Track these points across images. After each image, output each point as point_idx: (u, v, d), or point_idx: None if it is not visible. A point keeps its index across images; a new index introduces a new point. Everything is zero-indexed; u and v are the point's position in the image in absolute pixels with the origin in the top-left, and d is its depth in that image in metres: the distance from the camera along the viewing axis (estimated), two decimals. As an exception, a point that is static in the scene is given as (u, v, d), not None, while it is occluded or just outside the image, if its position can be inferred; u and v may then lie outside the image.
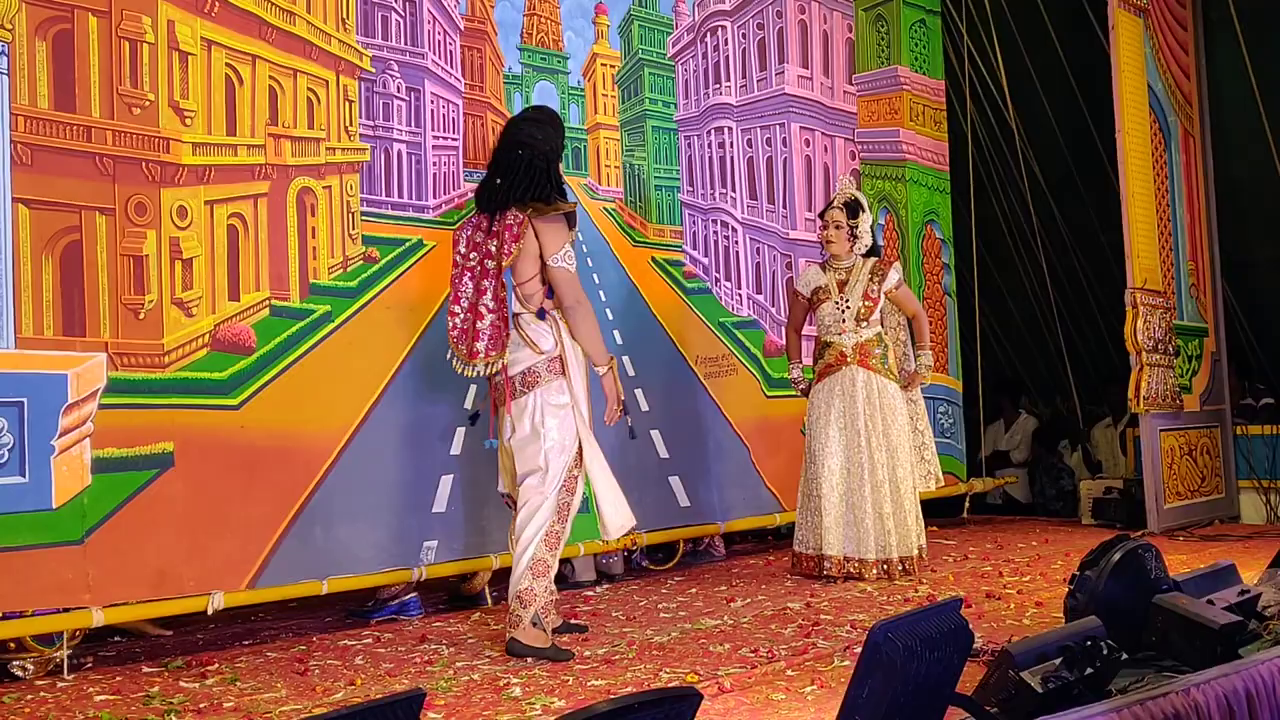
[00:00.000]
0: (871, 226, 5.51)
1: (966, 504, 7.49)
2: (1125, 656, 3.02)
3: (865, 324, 5.39)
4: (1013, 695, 2.73)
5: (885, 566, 5.25)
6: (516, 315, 4.15)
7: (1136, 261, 6.77)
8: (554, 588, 4.11)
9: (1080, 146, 7.92)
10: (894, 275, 5.48)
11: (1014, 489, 8.17)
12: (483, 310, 4.03)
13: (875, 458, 5.28)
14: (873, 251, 5.51)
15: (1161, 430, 6.79)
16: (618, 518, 4.14)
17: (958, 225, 7.71)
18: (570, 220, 4.17)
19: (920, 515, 5.48)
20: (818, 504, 5.31)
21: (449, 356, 4.14)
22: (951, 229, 7.68)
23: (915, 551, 5.36)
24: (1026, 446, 8.43)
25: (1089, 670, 2.83)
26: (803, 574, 5.37)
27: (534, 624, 3.95)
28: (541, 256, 4.08)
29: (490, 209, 4.14)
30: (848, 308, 5.38)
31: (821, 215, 5.57)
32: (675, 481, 5.78)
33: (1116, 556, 3.35)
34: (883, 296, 5.44)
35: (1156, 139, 7.14)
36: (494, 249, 4.06)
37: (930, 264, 7.47)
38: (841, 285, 5.42)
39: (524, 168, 4.11)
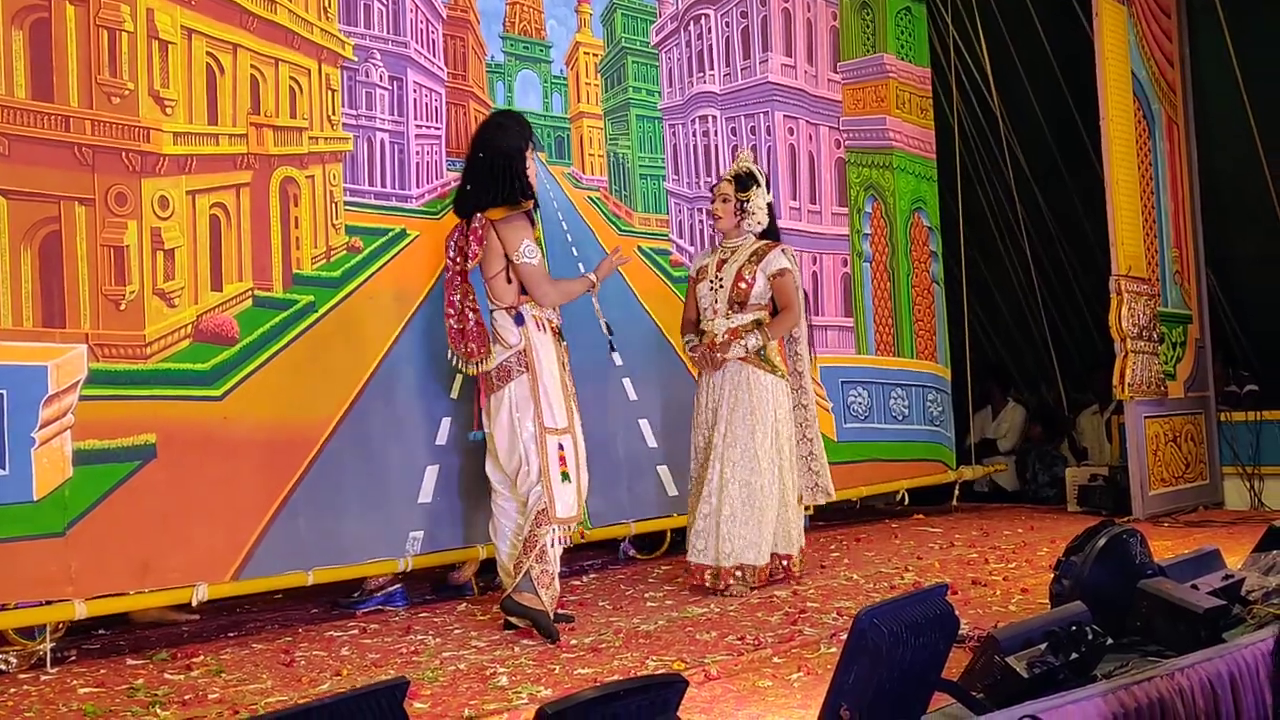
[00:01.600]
0: (768, 205, 4.96)
1: (955, 492, 7.49)
2: (1110, 641, 3.02)
3: (740, 309, 4.81)
4: (998, 680, 2.73)
5: (783, 563, 4.88)
6: (491, 312, 4.34)
7: (1121, 249, 6.78)
8: (552, 569, 4.20)
9: (1065, 134, 7.93)
10: (779, 261, 4.84)
11: (1001, 477, 8.19)
12: (467, 312, 4.30)
13: (726, 455, 4.71)
14: (768, 234, 4.96)
15: (1146, 417, 6.81)
16: (563, 508, 4.21)
17: (944, 213, 7.72)
18: (531, 218, 4.33)
19: (791, 526, 4.92)
20: (711, 506, 4.74)
21: (450, 357, 4.35)
22: (938, 217, 7.68)
23: (763, 561, 4.76)
24: (1015, 435, 8.45)
25: (1074, 655, 2.83)
26: (699, 586, 4.78)
27: (528, 591, 4.13)
28: (506, 255, 4.26)
29: (464, 215, 4.37)
30: (721, 288, 4.84)
31: (712, 188, 5.14)
32: (664, 471, 5.77)
33: (1101, 542, 3.36)
34: (761, 280, 4.81)
35: (1141, 127, 7.15)
36: (467, 253, 4.31)
37: (918, 252, 7.47)
38: (720, 265, 4.90)
39: (486, 171, 4.29)
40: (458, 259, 4.32)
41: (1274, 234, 7.25)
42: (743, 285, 4.83)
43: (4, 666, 3.85)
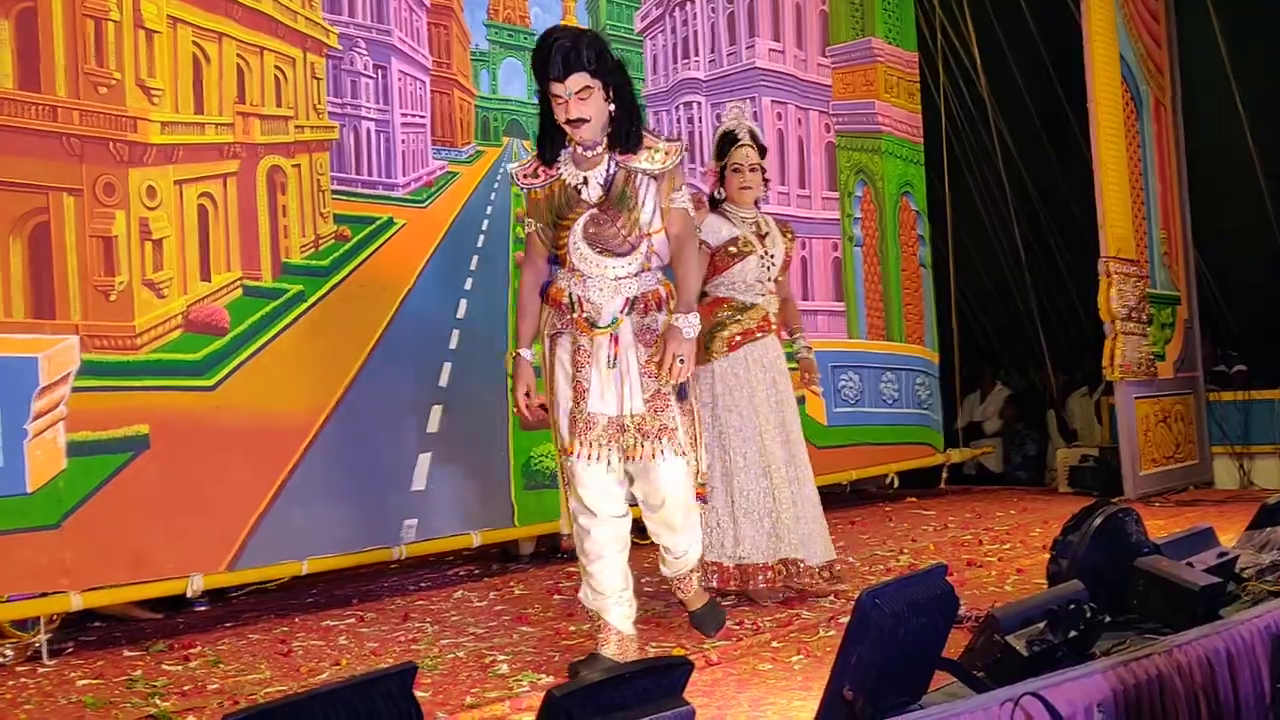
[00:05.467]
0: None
1: (944, 474, 7.52)
2: (1108, 619, 3.04)
3: (776, 289, 4.44)
4: (999, 659, 2.74)
5: (826, 571, 4.31)
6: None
7: (1109, 230, 6.79)
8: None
9: (1052, 116, 7.94)
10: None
11: (989, 459, 8.22)
12: None
13: (799, 446, 4.37)
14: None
15: (1136, 398, 6.83)
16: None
17: (931, 197, 7.72)
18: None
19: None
20: (751, 503, 4.23)
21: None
22: (926, 201, 7.68)
23: (833, 554, 4.41)
24: (999, 417, 8.49)
25: (1073, 633, 2.84)
26: (722, 590, 4.22)
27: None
28: None
29: None
30: (774, 263, 4.37)
31: (722, 156, 4.38)
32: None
33: (1097, 521, 3.37)
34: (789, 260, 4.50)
35: (1128, 108, 7.16)
36: None
37: (906, 235, 7.48)
38: (760, 239, 4.38)
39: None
40: None
41: (1262, 214, 7.28)
42: (786, 263, 4.46)
43: (1, 659, 3.83)
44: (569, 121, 3.33)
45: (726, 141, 4.40)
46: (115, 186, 4.09)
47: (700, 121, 6.34)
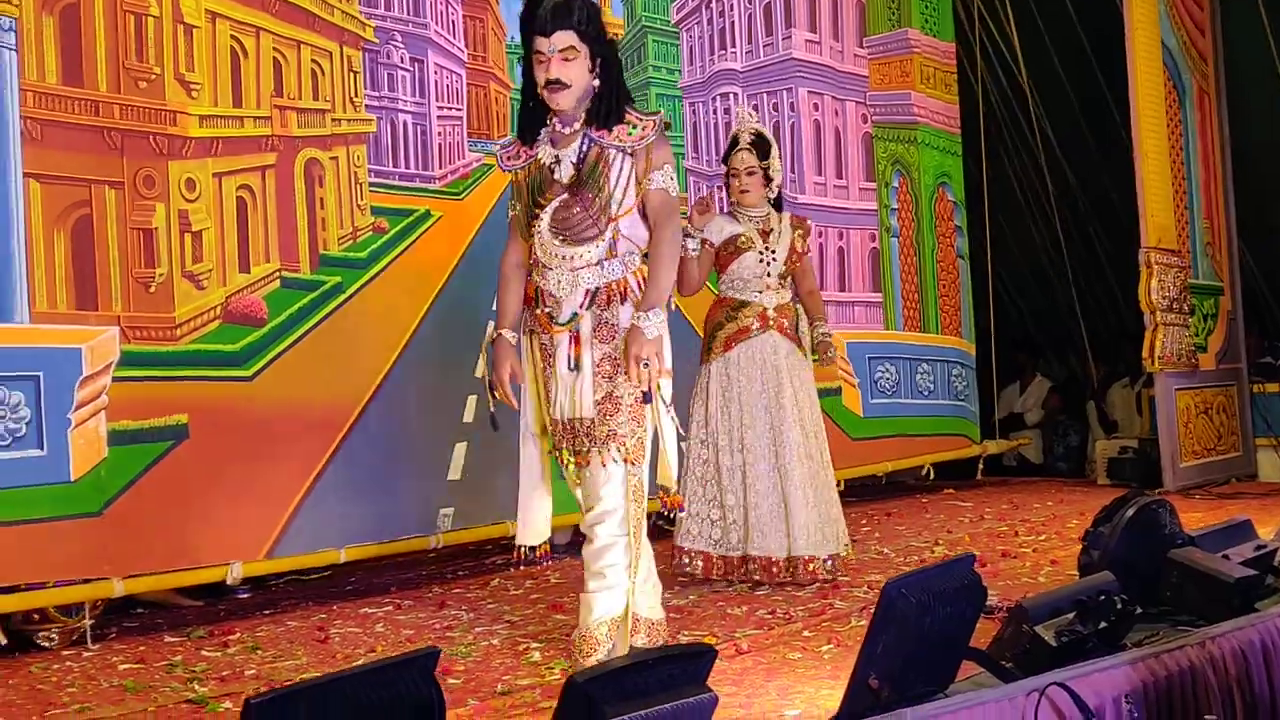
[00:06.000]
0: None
1: (980, 466, 7.47)
2: (1139, 611, 3.02)
3: (784, 284, 4.56)
4: (1027, 649, 2.73)
5: (829, 563, 4.41)
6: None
7: (1151, 220, 6.73)
8: None
9: (1093, 105, 7.86)
10: (810, 236, 4.75)
11: (1028, 451, 8.17)
12: None
13: (812, 439, 4.47)
14: (777, 200, 4.64)
15: (1177, 389, 6.76)
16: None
17: (969, 186, 7.67)
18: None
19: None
20: (739, 496, 4.40)
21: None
22: (963, 191, 7.63)
23: (844, 549, 4.54)
24: (1040, 408, 8.43)
25: (1103, 625, 2.83)
26: (704, 578, 4.45)
27: None
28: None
29: None
30: (774, 260, 4.50)
31: (726, 160, 4.60)
32: (685, 446, 5.77)
33: (1130, 512, 3.34)
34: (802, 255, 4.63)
35: (1170, 97, 7.07)
36: None
37: (943, 227, 7.43)
38: (764, 235, 4.53)
39: None
40: None
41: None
42: (793, 260, 4.57)
43: (46, 644, 3.91)
44: (548, 84, 3.12)
45: (729, 145, 4.62)
46: (155, 179, 4.15)
47: (736, 113, 6.34)
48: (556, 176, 3.22)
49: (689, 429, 4.49)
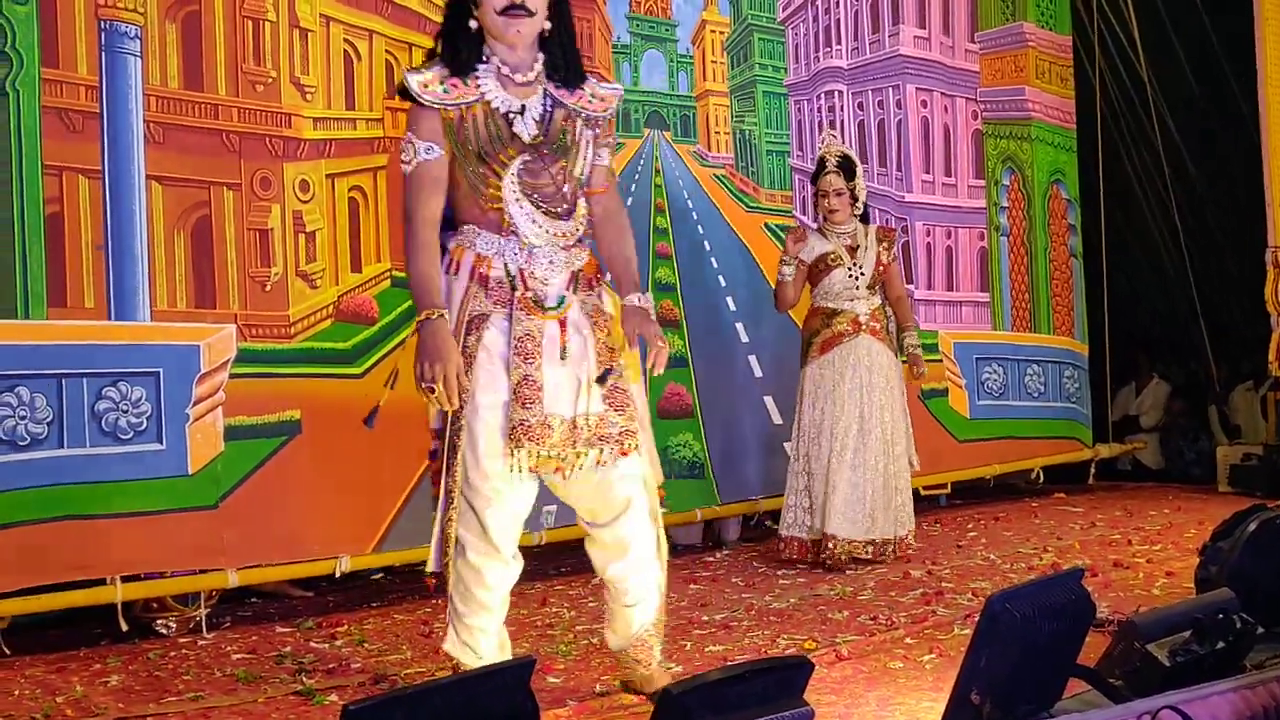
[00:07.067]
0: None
1: (1092, 470, 7.26)
2: (1262, 630, 2.90)
3: (874, 292, 5.02)
4: (1138, 668, 2.64)
5: (896, 546, 4.90)
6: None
7: (1278, 218, 6.46)
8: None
9: (1217, 98, 7.58)
10: (895, 247, 5.14)
11: (1144, 455, 7.91)
12: None
13: (894, 433, 4.92)
14: (864, 214, 5.11)
15: (1304, 394, 6.49)
16: None
17: (1085, 182, 7.46)
18: (415, 98, 2.85)
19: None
20: (825, 483, 4.82)
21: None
22: (1078, 188, 7.43)
23: (908, 531, 4.99)
24: (1157, 411, 8.15)
25: (1220, 644, 2.73)
26: (798, 560, 4.92)
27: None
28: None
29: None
30: (862, 274, 4.98)
31: (815, 181, 5.04)
32: (789, 447, 5.74)
33: (1251, 527, 3.22)
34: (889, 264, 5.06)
35: (1300, 88, 6.78)
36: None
37: (1056, 225, 7.25)
38: (852, 251, 4.99)
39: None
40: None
41: None
42: (880, 270, 5.04)
43: (165, 631, 4.06)
44: (511, 8, 2.66)
45: (817, 167, 5.07)
46: (271, 180, 4.27)
47: (841, 110, 6.27)
48: (517, 130, 2.78)
49: (793, 428, 5.03)
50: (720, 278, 5.65)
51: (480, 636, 2.89)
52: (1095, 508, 6.39)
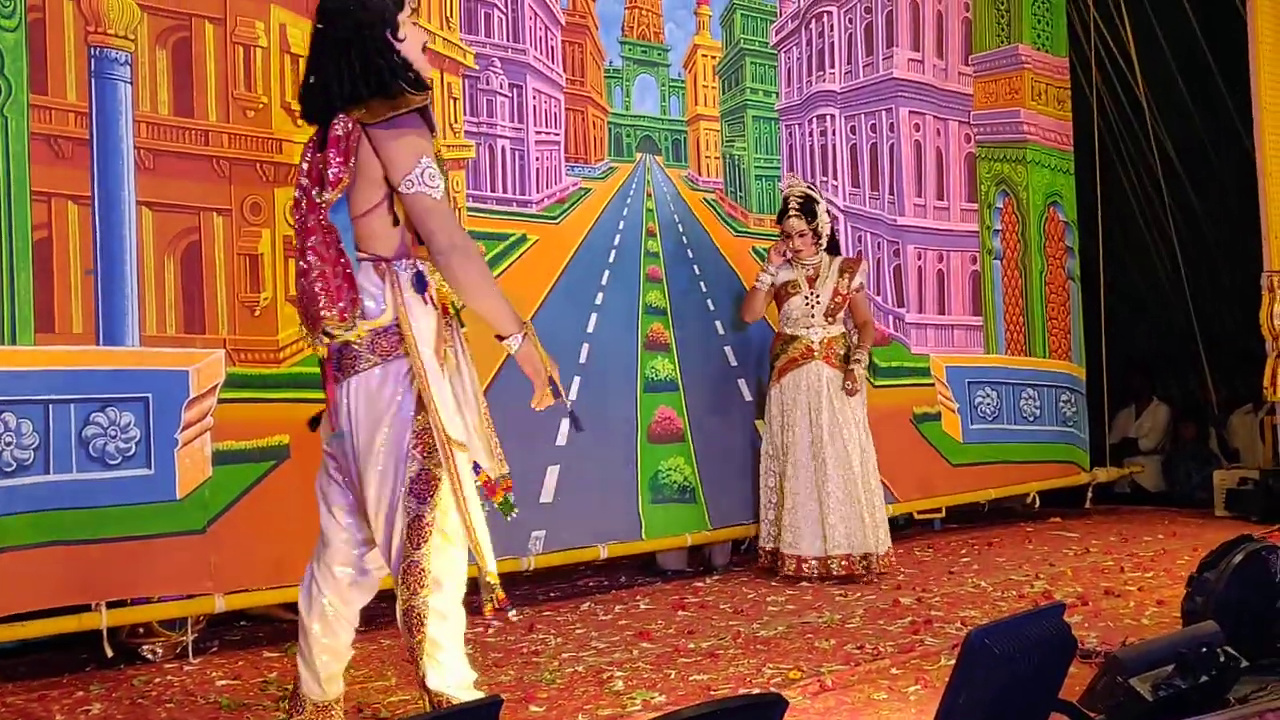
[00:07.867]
0: (830, 216, 5.39)
1: (1089, 494, 7.23)
2: (1245, 664, 2.89)
3: (832, 320, 5.32)
4: (1120, 703, 2.64)
5: (864, 561, 5.12)
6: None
7: (1275, 242, 6.48)
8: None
9: (1215, 119, 7.59)
10: (860, 276, 5.39)
11: (1143, 478, 7.88)
12: (311, 260, 2.85)
13: (848, 450, 5.16)
14: (832, 244, 5.41)
15: (1300, 418, 6.47)
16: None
17: (1082, 204, 7.45)
18: (429, 121, 2.87)
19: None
20: (793, 501, 5.17)
21: (300, 330, 3.11)
22: (1075, 211, 7.42)
23: (884, 549, 5.21)
24: (1157, 434, 8.12)
25: (1204, 678, 2.72)
26: (767, 569, 5.29)
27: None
28: (388, 179, 2.82)
29: (316, 119, 2.94)
30: (818, 303, 5.30)
31: (779, 221, 5.38)
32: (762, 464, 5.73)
33: (1238, 558, 3.22)
34: (847, 294, 5.35)
35: (1297, 112, 6.78)
36: (320, 174, 2.85)
37: (1053, 248, 7.24)
38: (811, 281, 5.33)
39: (335, 50, 2.86)
40: (311, 186, 2.87)
41: None
42: (838, 300, 5.34)
43: (150, 656, 4.05)
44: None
45: (781, 209, 5.41)
46: (261, 206, 4.27)
47: (834, 134, 6.27)
48: None
49: (763, 447, 5.41)
50: (710, 302, 5.65)
51: (460, 664, 2.98)
52: (1090, 532, 6.37)
